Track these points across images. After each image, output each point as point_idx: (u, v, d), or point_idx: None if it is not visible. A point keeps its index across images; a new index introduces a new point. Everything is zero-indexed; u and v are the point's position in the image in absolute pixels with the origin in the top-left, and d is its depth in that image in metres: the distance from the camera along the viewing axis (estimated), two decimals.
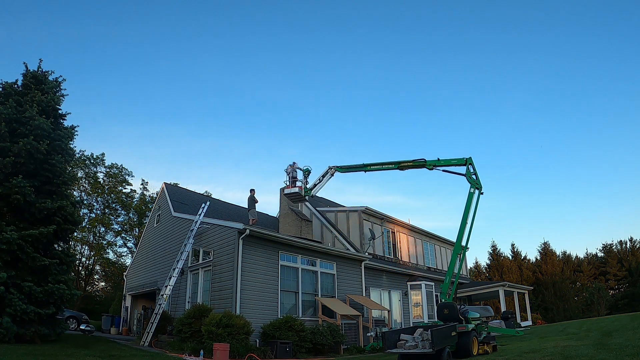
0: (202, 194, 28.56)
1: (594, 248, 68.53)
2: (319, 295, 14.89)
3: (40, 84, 12.42)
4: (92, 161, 32.70)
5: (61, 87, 12.92)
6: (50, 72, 12.84)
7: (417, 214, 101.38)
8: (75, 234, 24.46)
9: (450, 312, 10.74)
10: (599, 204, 75.19)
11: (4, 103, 11.35)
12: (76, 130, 12.76)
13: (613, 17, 66.75)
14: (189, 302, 14.63)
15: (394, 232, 22.23)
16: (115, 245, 34.32)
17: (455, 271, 12.48)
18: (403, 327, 15.94)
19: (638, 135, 68.26)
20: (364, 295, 17.00)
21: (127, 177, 34.14)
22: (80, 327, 17.37)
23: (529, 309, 27.97)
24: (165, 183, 21.15)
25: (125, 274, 23.80)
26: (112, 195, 33.05)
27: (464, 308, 11.22)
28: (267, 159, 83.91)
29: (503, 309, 22.84)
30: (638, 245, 44.32)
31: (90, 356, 9.04)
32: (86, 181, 32.31)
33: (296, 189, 14.34)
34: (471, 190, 12.16)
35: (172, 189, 21.74)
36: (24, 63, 12.41)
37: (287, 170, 14.68)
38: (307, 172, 14.56)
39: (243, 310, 12.09)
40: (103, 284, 38.01)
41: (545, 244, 45.49)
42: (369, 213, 20.47)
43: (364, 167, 13.93)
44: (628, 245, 44.88)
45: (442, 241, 26.79)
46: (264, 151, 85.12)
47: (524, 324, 24.48)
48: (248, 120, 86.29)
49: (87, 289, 33.41)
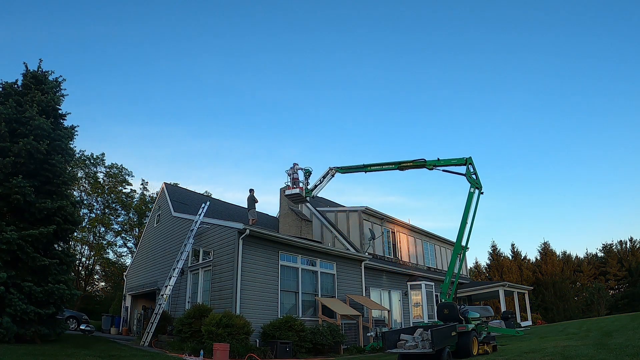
0: (202, 194, 28.55)
1: (594, 248, 68.67)
2: (319, 295, 14.89)
3: (40, 84, 12.42)
4: (92, 161, 32.73)
5: (61, 87, 12.93)
6: (50, 72, 12.85)
7: (417, 214, 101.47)
8: (75, 234, 24.46)
9: (450, 312, 10.75)
10: (599, 204, 75.31)
11: (4, 103, 11.35)
12: (76, 130, 12.78)
13: (613, 17, 66.82)
14: (189, 302, 14.63)
15: (394, 232, 22.24)
16: (115, 245, 34.40)
17: (455, 271, 12.48)
18: (403, 327, 15.93)
19: (638, 135, 68.34)
20: (364, 295, 17.00)
21: (127, 177, 34.21)
22: (80, 327, 17.37)
23: (529, 309, 27.97)
24: (165, 183, 21.16)
25: (125, 274, 23.81)
26: (112, 195, 33.07)
27: (464, 308, 11.22)
28: (267, 159, 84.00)
29: (503, 309, 22.84)
30: (638, 245, 44.33)
31: (90, 356, 9.04)
32: (86, 181, 32.33)
33: (297, 190, 14.39)
34: (471, 190, 12.16)
35: (172, 189, 21.74)
36: (24, 63, 12.45)
37: (289, 172, 14.75)
38: (308, 173, 14.61)
39: (243, 310, 12.10)
40: (103, 284, 38.08)
41: (545, 244, 45.58)
42: (369, 213, 20.48)
43: (364, 168, 13.96)
44: (628, 245, 44.92)
45: (442, 241, 26.79)
46: (264, 151, 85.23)
47: (524, 324, 24.47)
48: (248, 120, 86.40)
49: (87, 289, 33.41)
